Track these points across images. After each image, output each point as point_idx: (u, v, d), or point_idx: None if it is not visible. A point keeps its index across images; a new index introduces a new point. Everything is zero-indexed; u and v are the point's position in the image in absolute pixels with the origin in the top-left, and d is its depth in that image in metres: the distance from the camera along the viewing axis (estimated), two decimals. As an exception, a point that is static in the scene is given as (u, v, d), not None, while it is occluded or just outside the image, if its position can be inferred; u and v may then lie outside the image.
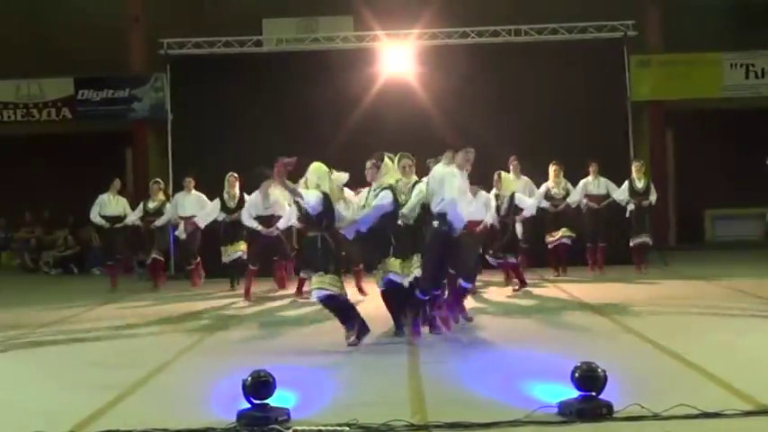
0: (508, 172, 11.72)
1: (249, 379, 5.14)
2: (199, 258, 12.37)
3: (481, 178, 11.35)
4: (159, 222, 12.47)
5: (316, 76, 14.23)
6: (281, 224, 10.84)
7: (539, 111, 14.11)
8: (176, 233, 12.36)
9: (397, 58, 14.47)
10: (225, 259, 11.72)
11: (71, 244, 16.13)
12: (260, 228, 10.78)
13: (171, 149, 14.67)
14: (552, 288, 11.30)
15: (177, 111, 14.77)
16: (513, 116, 13.93)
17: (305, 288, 10.15)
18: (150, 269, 12.80)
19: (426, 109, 14.11)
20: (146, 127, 16.28)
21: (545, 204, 12.34)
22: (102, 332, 8.73)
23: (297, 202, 8.50)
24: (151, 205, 12.52)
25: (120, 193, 12.86)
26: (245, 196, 11.55)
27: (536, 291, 10.92)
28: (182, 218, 12.22)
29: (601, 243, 12.61)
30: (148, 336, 8.43)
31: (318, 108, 14.06)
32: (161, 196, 12.65)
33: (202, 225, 11.59)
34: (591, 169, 12.70)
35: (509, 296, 10.65)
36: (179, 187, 12.87)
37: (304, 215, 7.83)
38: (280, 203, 10.82)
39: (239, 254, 11.58)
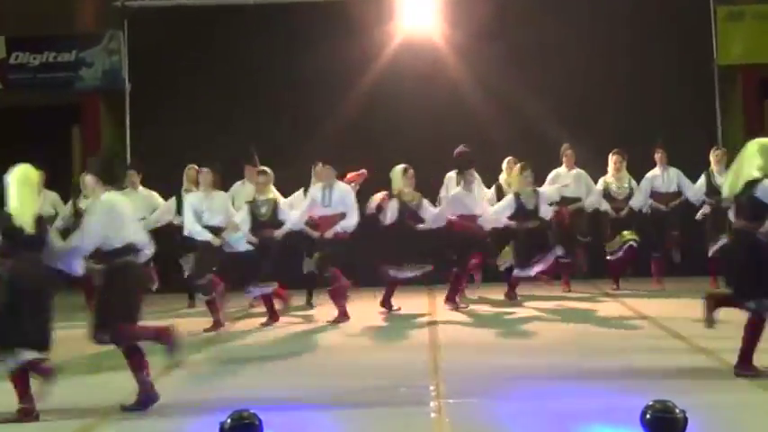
0: (560, 163, 11.97)
1: (229, 421, 5.09)
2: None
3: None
4: None
5: (314, 36, 14.22)
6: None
7: (597, 80, 14.03)
8: None
9: (418, 12, 14.46)
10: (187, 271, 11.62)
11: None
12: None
13: (129, 128, 14.65)
14: (613, 303, 11.37)
15: (137, 79, 14.75)
16: (564, 86, 13.93)
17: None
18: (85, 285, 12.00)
19: (455, 77, 14.13)
20: (97, 99, 15.98)
21: (605, 207, 12.34)
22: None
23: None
24: (85, 204, 11.92)
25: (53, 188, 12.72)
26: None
27: (593, 306, 10.99)
28: None
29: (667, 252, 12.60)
30: (99, 366, 8.42)
31: (317, 77, 14.07)
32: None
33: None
34: (657, 157, 12.44)
35: (556, 309, 10.95)
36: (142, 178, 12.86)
37: None
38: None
39: None
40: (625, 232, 12.25)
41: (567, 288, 12.38)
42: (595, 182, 12.48)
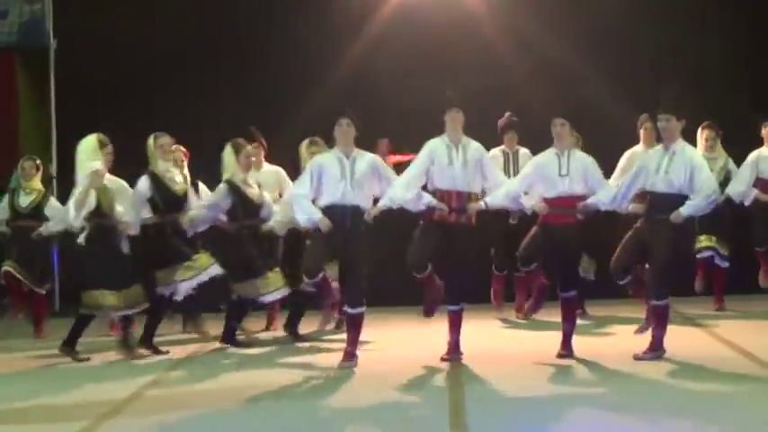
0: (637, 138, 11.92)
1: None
2: None
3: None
4: (48, 229, 12.15)
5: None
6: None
7: (664, 31, 13.96)
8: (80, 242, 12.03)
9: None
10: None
11: None
12: None
13: (55, 96, 14.47)
14: (696, 331, 11.22)
15: (65, 33, 14.55)
16: (625, 46, 13.84)
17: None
18: (34, 304, 12.65)
19: (483, 32, 14.04)
20: (12, 59, 15.90)
21: None
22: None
23: None
24: (24, 199, 12.26)
25: None
26: (200, 185, 11.49)
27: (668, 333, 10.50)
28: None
29: None
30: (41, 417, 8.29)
31: (298, 39, 14.10)
32: (37, 183, 12.50)
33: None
34: (765, 133, 12.18)
35: (614, 333, 11.04)
36: (69, 161, 12.42)
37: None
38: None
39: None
40: (702, 237, 12.05)
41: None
42: None
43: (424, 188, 9.61)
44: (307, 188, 9.55)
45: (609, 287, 11.73)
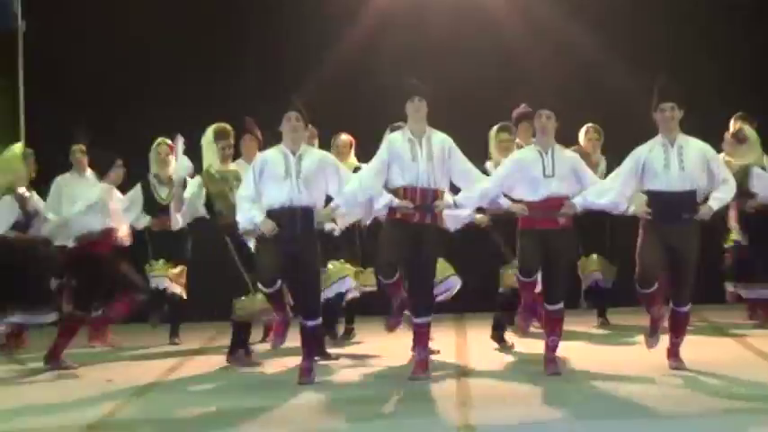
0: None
1: None
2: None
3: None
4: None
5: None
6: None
7: (693, 27, 13.83)
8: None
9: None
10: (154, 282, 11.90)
11: None
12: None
13: (23, 83, 14.05)
14: (733, 345, 10.77)
15: (35, 15, 14.09)
16: (642, 32, 13.75)
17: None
18: None
19: (492, 12, 14.02)
20: (-23, 45, 16.36)
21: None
22: None
23: None
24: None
25: None
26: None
27: (704, 349, 10.19)
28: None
29: None
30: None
31: (293, 25, 14.14)
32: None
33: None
34: None
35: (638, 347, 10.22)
36: (44, 156, 12.64)
37: None
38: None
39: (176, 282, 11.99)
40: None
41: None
42: None
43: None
44: (251, 189, 9.10)
45: (630, 294, 11.39)
